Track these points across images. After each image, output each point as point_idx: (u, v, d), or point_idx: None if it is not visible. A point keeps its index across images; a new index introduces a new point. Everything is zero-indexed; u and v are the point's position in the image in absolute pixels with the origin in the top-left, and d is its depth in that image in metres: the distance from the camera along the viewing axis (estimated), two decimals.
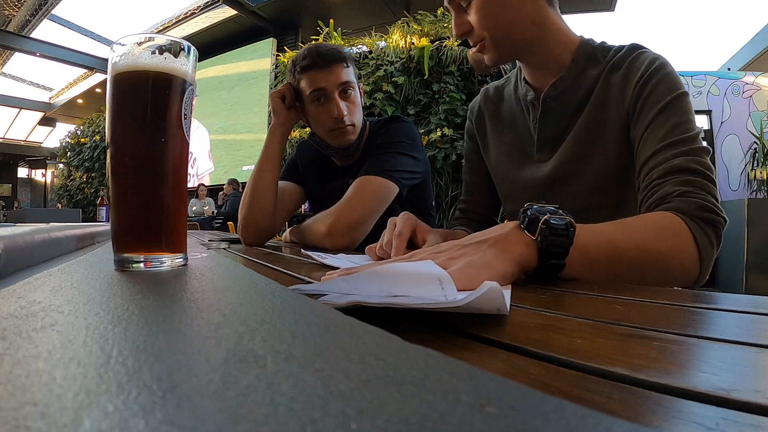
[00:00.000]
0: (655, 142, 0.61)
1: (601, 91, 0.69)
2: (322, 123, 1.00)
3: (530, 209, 0.42)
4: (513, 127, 0.83)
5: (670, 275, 0.50)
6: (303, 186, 1.17)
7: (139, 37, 0.39)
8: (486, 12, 0.67)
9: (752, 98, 4.67)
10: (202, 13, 6.46)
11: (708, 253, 0.51)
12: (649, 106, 0.63)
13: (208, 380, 0.11)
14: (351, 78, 1.00)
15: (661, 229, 0.51)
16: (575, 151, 0.72)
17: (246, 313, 0.20)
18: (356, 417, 0.09)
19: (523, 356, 0.19)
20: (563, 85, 0.72)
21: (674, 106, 0.61)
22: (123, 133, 0.40)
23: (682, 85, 0.63)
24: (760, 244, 3.52)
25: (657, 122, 0.61)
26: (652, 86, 0.63)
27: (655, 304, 0.32)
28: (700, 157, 0.58)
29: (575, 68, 0.72)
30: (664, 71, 0.64)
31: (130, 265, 0.38)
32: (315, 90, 0.97)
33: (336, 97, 0.98)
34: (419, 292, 0.28)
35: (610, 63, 0.70)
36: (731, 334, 0.23)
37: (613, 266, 0.46)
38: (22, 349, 0.14)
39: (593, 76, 0.71)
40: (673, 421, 0.13)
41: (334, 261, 0.55)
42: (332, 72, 0.97)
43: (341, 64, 0.98)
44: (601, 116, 0.69)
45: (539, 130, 0.76)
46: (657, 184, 0.58)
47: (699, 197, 0.54)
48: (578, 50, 0.72)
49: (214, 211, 5.87)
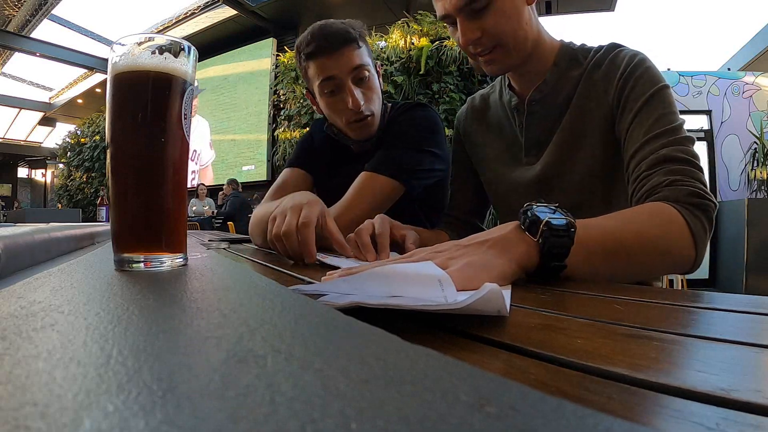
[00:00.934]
0: (640, 135, 0.62)
1: (584, 90, 0.71)
2: (338, 115, 0.91)
3: (530, 210, 0.42)
4: (500, 132, 0.84)
5: (667, 261, 0.52)
6: (312, 173, 1.06)
7: (139, 37, 0.39)
8: (507, 15, 0.67)
9: (752, 98, 4.67)
10: (202, 13, 6.46)
11: (701, 237, 0.53)
12: (633, 101, 0.65)
13: (208, 380, 0.11)
14: (365, 60, 0.88)
15: (656, 218, 0.52)
16: (562, 151, 0.73)
17: (246, 313, 0.20)
18: (356, 417, 0.09)
19: (523, 356, 0.19)
20: (547, 89, 0.74)
21: (657, 99, 0.63)
22: (123, 133, 0.40)
23: (662, 78, 0.65)
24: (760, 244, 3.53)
25: (641, 116, 0.63)
26: (634, 81, 0.65)
27: (655, 304, 0.32)
28: (685, 146, 0.59)
29: (557, 71, 0.74)
30: (644, 66, 0.66)
31: (130, 265, 0.38)
32: (325, 79, 0.87)
33: (350, 84, 0.86)
34: (419, 293, 0.28)
35: (592, 62, 0.71)
36: (731, 334, 0.23)
37: (612, 258, 0.47)
38: (22, 349, 0.14)
39: (575, 77, 0.72)
40: (672, 421, 0.13)
41: (334, 261, 0.55)
42: (342, 56, 0.85)
43: (352, 45, 0.85)
44: (585, 115, 0.71)
45: (526, 133, 0.78)
46: (646, 175, 0.59)
47: (688, 184, 0.55)
48: (559, 53, 0.74)
49: (214, 211, 5.87)
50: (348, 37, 0.85)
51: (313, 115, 5.40)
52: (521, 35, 0.69)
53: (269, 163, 6.24)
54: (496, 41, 0.69)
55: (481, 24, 0.68)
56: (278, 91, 6.07)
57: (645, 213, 0.53)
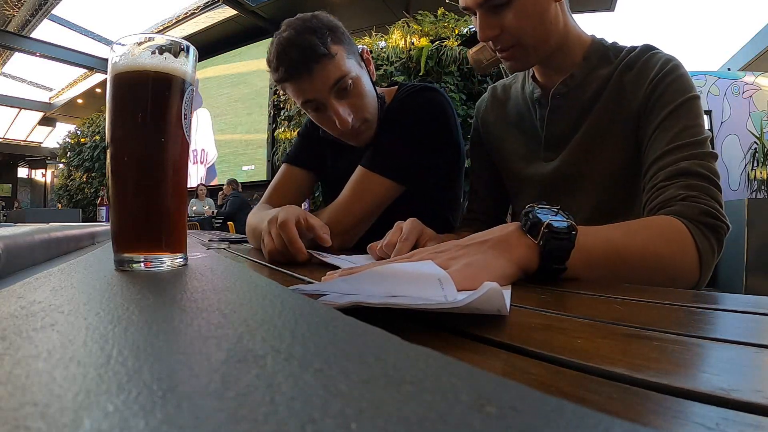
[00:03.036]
0: (662, 144, 0.60)
1: (613, 90, 0.69)
2: (330, 128, 0.84)
3: (531, 212, 0.42)
4: (520, 125, 0.82)
5: (670, 279, 0.50)
6: (312, 169, 1.01)
7: (139, 37, 0.39)
8: (528, 14, 0.65)
9: (752, 98, 4.67)
10: (202, 13, 6.46)
11: (709, 258, 0.51)
12: (660, 107, 0.63)
13: (208, 380, 0.11)
14: (344, 68, 0.77)
15: (663, 233, 0.51)
16: (583, 149, 0.71)
17: (246, 313, 0.20)
18: (356, 417, 0.09)
19: (524, 356, 0.19)
20: (573, 83, 0.72)
21: (685, 109, 0.61)
22: (123, 133, 0.40)
23: (694, 88, 0.63)
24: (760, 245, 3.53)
25: (666, 124, 0.61)
26: (664, 87, 0.63)
27: (655, 304, 0.32)
28: (707, 161, 0.57)
29: (586, 67, 0.71)
30: (677, 73, 0.64)
31: (130, 265, 0.38)
32: (304, 102, 0.81)
33: (332, 102, 0.78)
34: (419, 293, 0.28)
35: (623, 63, 0.69)
36: (731, 334, 0.23)
37: (614, 268, 0.46)
38: (22, 349, 0.14)
39: (604, 75, 0.70)
40: (673, 421, 0.13)
41: (334, 261, 0.55)
42: (316, 77, 0.75)
43: (324, 60, 0.75)
44: (611, 115, 0.69)
45: (547, 128, 0.76)
46: (662, 186, 0.58)
47: (703, 202, 0.54)
48: (590, 49, 0.72)
49: (214, 211, 5.87)
50: (317, 53, 0.74)
51: None
52: (542, 34, 0.67)
53: (269, 163, 6.24)
54: (516, 40, 0.67)
55: (501, 21, 0.66)
56: (278, 91, 6.07)
57: (653, 227, 0.52)
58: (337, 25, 0.81)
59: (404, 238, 0.57)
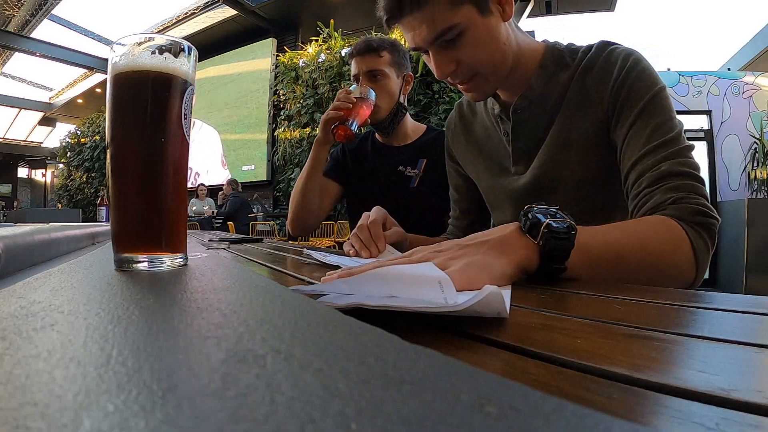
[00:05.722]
0: (638, 147, 0.60)
1: (575, 94, 0.67)
2: None
3: (531, 212, 0.42)
4: (488, 142, 0.81)
5: (668, 277, 0.51)
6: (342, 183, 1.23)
7: (139, 37, 0.39)
8: (482, 42, 0.63)
9: (752, 98, 4.67)
10: (202, 13, 6.46)
11: (704, 256, 0.52)
12: (629, 108, 0.62)
13: (208, 380, 0.11)
14: (381, 66, 1.09)
15: (660, 233, 0.51)
16: (552, 158, 0.70)
17: (246, 313, 0.20)
18: (356, 417, 0.09)
19: (524, 356, 0.19)
20: (533, 95, 0.70)
21: (653, 105, 0.60)
22: (123, 133, 0.40)
23: (659, 79, 0.62)
24: (760, 244, 3.53)
25: (639, 124, 0.61)
26: (629, 85, 0.62)
27: (655, 304, 0.32)
28: (686, 157, 0.57)
29: (544, 75, 0.70)
30: (639, 67, 0.63)
31: (130, 265, 0.38)
32: (354, 75, 1.13)
33: (362, 81, 1.10)
34: (419, 295, 0.28)
35: (582, 65, 0.68)
36: (731, 334, 0.23)
37: (613, 267, 0.46)
38: (22, 349, 0.14)
39: (563, 80, 0.69)
40: (673, 421, 0.13)
41: (334, 261, 0.55)
42: (364, 60, 1.10)
43: (374, 54, 1.09)
44: (577, 121, 0.67)
45: (513, 143, 0.75)
46: (648, 192, 0.57)
47: (693, 202, 0.54)
48: (544, 57, 0.70)
49: (214, 211, 5.86)
50: (374, 47, 1.10)
51: (313, 115, 5.40)
52: (499, 59, 0.65)
53: (269, 163, 6.24)
54: (474, 71, 0.66)
55: (455, 54, 0.64)
56: (278, 91, 6.08)
57: (650, 226, 0.52)
58: (402, 51, 1.16)
59: (372, 222, 0.70)
